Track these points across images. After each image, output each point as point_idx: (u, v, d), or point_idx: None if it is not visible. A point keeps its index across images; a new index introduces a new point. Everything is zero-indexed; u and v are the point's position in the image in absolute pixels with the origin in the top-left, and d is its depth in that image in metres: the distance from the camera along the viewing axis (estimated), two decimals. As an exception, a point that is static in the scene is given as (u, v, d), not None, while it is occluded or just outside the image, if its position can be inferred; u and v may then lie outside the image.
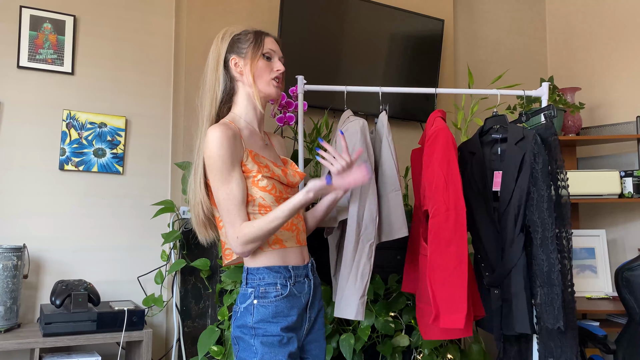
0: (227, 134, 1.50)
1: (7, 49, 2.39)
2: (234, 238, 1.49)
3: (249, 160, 1.54)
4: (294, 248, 1.59)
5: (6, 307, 2.13)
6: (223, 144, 1.48)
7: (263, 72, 1.61)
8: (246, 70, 1.60)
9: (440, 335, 1.96)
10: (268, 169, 1.56)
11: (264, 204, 1.53)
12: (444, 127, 1.96)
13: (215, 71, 1.63)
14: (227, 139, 1.49)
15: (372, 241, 1.83)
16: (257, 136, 1.64)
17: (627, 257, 3.02)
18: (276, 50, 1.65)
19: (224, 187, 1.49)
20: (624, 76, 3.39)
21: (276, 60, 1.64)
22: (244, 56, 1.61)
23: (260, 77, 1.61)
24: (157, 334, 2.52)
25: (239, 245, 1.49)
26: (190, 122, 2.65)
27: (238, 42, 1.62)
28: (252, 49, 1.60)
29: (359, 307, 1.82)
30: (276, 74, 1.63)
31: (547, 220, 1.93)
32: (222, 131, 1.49)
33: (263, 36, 1.64)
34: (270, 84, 1.62)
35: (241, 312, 1.52)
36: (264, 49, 1.61)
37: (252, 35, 1.63)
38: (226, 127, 1.52)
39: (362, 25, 2.99)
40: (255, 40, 1.62)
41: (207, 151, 1.50)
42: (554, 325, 1.89)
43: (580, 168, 3.45)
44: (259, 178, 1.53)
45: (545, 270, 1.92)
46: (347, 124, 1.97)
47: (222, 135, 1.49)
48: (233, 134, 1.52)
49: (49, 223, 2.41)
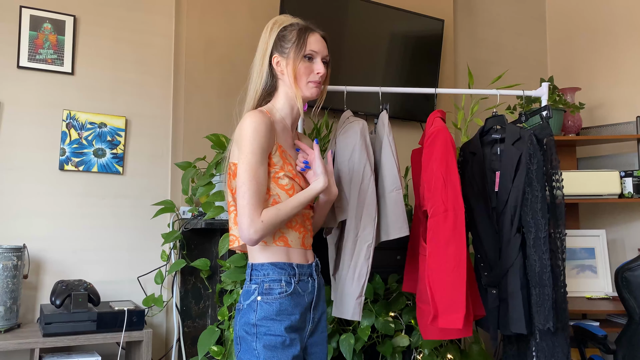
0: (264, 121, 1.50)
1: (7, 49, 2.39)
2: (256, 222, 1.45)
3: (277, 155, 1.54)
4: (298, 249, 1.58)
5: (6, 307, 2.13)
6: (259, 129, 1.48)
7: (303, 74, 1.58)
8: (287, 71, 1.58)
9: (439, 335, 1.96)
10: (292, 169, 1.55)
11: (278, 201, 1.52)
12: (442, 128, 1.96)
13: (260, 65, 1.61)
14: (263, 125, 1.49)
15: (370, 242, 1.83)
16: (288, 134, 1.63)
17: (627, 257, 3.02)
18: (319, 50, 1.60)
19: (252, 171, 1.47)
20: (624, 76, 3.39)
21: (318, 62, 1.60)
22: (285, 56, 1.58)
23: (300, 79, 1.59)
24: (157, 334, 2.52)
25: (260, 230, 1.45)
26: (190, 122, 2.65)
27: (283, 40, 1.59)
28: (294, 50, 1.57)
29: (355, 307, 1.82)
30: (316, 78, 1.59)
31: (540, 221, 1.93)
32: (260, 117, 1.49)
33: (307, 34, 1.59)
34: (308, 86, 1.59)
35: (244, 309, 1.51)
36: (305, 50, 1.58)
37: (296, 33, 1.59)
38: (263, 115, 1.51)
39: (362, 25, 2.99)
40: (298, 39, 1.58)
41: (241, 135, 1.49)
42: (544, 326, 1.89)
43: (580, 168, 3.45)
44: (280, 175, 1.52)
45: (537, 270, 1.92)
46: (347, 125, 1.97)
47: (259, 120, 1.48)
48: (269, 123, 1.51)
49: (49, 223, 2.41)
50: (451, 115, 3.31)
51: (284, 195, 1.52)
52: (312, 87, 1.60)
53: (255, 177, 1.47)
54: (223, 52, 2.75)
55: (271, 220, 1.47)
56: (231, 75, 2.74)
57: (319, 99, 1.68)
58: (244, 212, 1.45)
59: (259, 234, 1.45)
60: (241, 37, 2.78)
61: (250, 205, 1.45)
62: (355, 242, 1.84)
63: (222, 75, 2.73)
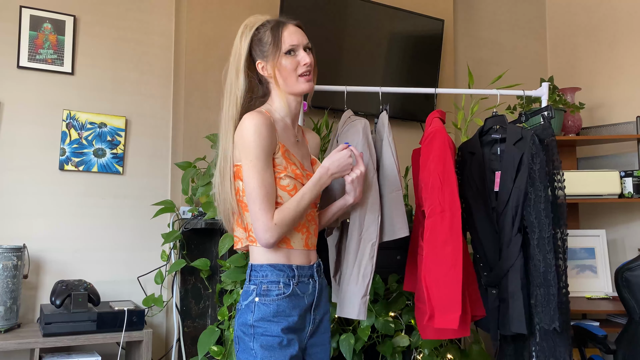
0: (265, 122, 1.48)
1: (7, 49, 2.39)
2: (270, 226, 1.46)
3: (279, 155, 1.52)
4: (300, 250, 1.57)
5: (6, 307, 2.13)
6: (261, 131, 1.46)
7: (290, 71, 1.55)
8: (274, 73, 1.55)
9: (435, 335, 1.96)
10: (295, 169, 1.54)
11: (281, 202, 1.51)
12: (440, 128, 1.96)
13: (235, 72, 1.57)
14: (265, 127, 1.47)
15: (374, 241, 1.83)
16: (289, 131, 1.62)
17: (627, 257, 3.01)
18: (298, 42, 1.56)
19: (259, 176, 1.46)
20: (624, 76, 3.39)
21: (300, 53, 1.56)
22: (267, 59, 1.56)
23: (289, 76, 1.56)
24: (157, 334, 2.52)
25: (275, 233, 1.46)
26: (190, 122, 2.65)
27: (259, 44, 1.57)
28: (272, 50, 1.54)
29: (361, 306, 1.82)
30: (303, 69, 1.56)
31: (544, 220, 1.93)
32: (260, 119, 1.47)
33: (281, 29, 1.55)
34: (298, 81, 1.56)
35: (242, 309, 1.51)
36: (284, 47, 1.54)
37: (270, 33, 1.55)
38: (263, 115, 1.49)
39: (362, 25, 2.99)
40: (273, 38, 1.54)
41: (243, 138, 1.47)
42: (549, 326, 1.89)
43: (580, 168, 3.45)
44: (281, 176, 1.51)
45: (541, 270, 1.92)
46: (349, 123, 1.97)
47: (259, 123, 1.46)
48: (270, 124, 1.50)
49: (49, 223, 2.41)
50: (451, 115, 3.31)
51: (286, 196, 1.52)
52: (303, 81, 1.57)
53: (263, 182, 1.47)
54: (223, 52, 2.73)
55: (284, 220, 1.48)
56: (231, 75, 2.74)
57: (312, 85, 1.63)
58: (257, 218, 1.47)
59: (274, 237, 1.48)
60: (241, 37, 2.78)
61: (262, 211, 1.46)
62: (359, 242, 1.84)
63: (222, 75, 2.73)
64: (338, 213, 1.74)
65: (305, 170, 1.59)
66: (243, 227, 1.58)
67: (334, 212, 1.73)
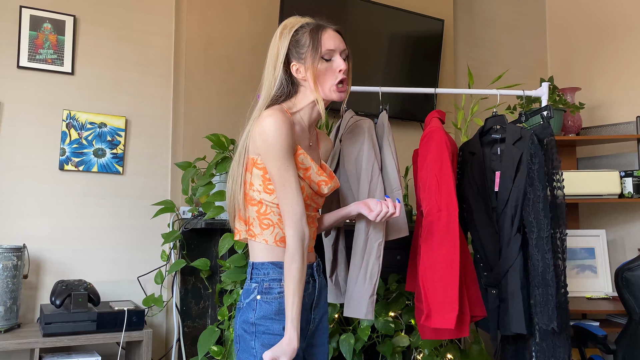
0: (286, 120, 1.46)
1: (7, 49, 2.39)
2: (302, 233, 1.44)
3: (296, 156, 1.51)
4: None
5: (6, 307, 2.13)
6: (282, 129, 1.44)
7: (325, 77, 1.53)
8: (308, 76, 1.52)
9: (433, 335, 1.95)
10: (307, 172, 1.53)
11: None
12: (438, 128, 1.96)
13: (272, 73, 1.55)
14: (285, 125, 1.45)
15: (381, 240, 1.83)
16: (305, 134, 1.60)
17: (627, 257, 3.02)
18: (336, 47, 1.55)
19: (283, 174, 1.44)
20: (624, 76, 3.39)
21: (337, 59, 1.55)
22: (303, 62, 1.53)
23: (324, 82, 1.53)
24: (157, 334, 2.52)
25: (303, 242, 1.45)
26: (190, 122, 2.65)
27: (297, 45, 1.54)
28: (310, 54, 1.51)
29: (368, 306, 1.82)
30: (340, 77, 1.54)
31: (542, 220, 1.93)
32: (281, 117, 1.45)
33: (320, 33, 1.54)
34: (332, 89, 1.54)
35: (244, 307, 1.50)
36: (322, 51, 1.52)
37: (309, 35, 1.53)
38: (284, 114, 1.47)
39: (362, 25, 2.99)
40: (312, 42, 1.52)
41: (264, 136, 1.44)
42: (547, 326, 1.89)
43: (580, 168, 3.45)
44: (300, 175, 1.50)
45: (540, 270, 1.92)
46: (352, 124, 1.97)
47: (280, 120, 1.44)
48: (290, 123, 1.48)
49: (49, 223, 2.41)
50: (451, 115, 3.31)
51: None
52: (336, 90, 1.55)
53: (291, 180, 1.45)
54: (223, 52, 2.75)
55: None
56: (231, 75, 2.74)
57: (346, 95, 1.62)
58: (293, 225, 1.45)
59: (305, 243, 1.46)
60: (241, 37, 2.78)
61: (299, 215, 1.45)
62: (366, 241, 1.84)
63: (222, 75, 2.73)
64: (340, 221, 1.74)
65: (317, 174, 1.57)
66: (244, 220, 1.58)
67: (336, 219, 1.72)
